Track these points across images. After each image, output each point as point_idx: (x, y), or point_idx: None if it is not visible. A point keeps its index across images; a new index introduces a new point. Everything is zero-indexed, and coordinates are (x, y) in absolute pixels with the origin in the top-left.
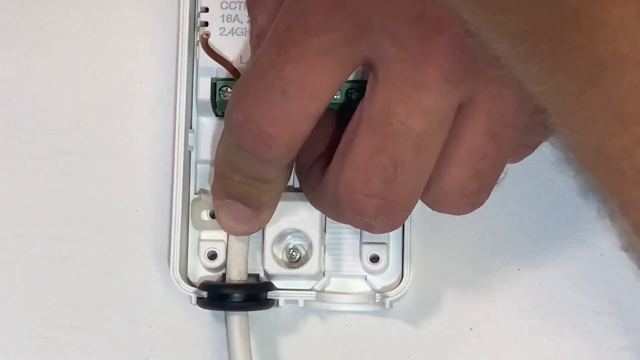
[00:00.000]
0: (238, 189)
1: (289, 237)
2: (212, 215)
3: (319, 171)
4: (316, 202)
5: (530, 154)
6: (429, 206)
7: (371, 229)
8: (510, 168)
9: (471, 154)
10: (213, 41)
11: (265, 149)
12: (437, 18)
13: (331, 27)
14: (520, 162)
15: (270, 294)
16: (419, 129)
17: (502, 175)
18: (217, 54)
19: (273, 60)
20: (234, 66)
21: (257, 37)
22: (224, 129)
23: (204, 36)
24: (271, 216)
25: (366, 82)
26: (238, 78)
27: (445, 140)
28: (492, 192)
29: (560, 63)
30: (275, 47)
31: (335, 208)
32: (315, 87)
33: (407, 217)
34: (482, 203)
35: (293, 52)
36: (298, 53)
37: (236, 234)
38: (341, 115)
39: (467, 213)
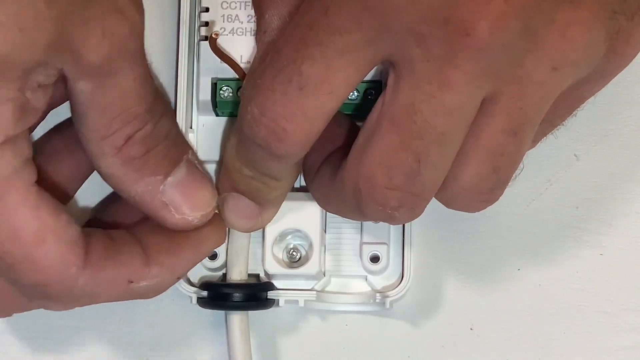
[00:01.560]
0: (246, 184)
1: (289, 237)
2: None
3: (330, 170)
4: (328, 201)
5: (533, 147)
6: (444, 204)
7: (393, 220)
8: None
9: (490, 151)
10: None
11: (278, 144)
12: (463, 22)
13: (355, 28)
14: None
15: (271, 294)
16: (443, 127)
17: (518, 171)
18: (225, 55)
19: (292, 56)
20: (241, 67)
21: (264, 34)
22: (236, 122)
23: (213, 36)
24: (274, 215)
25: (368, 82)
26: (244, 79)
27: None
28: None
29: None
30: (295, 43)
31: (354, 203)
32: (332, 85)
33: (426, 207)
34: (496, 200)
35: (313, 50)
36: (319, 51)
37: (238, 229)
38: (348, 116)
39: (481, 210)
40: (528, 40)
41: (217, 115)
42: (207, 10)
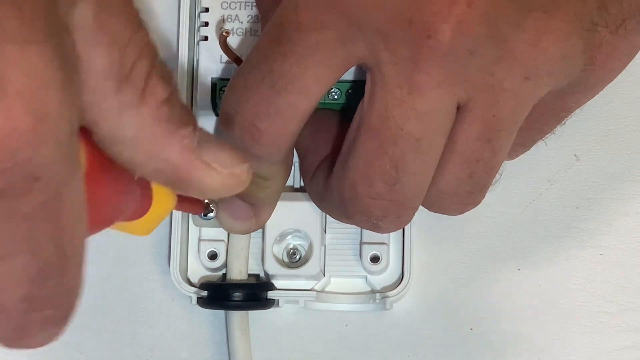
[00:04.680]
0: None
1: (289, 237)
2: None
3: (324, 174)
4: (323, 206)
5: (525, 152)
6: (425, 207)
7: (379, 229)
8: (510, 168)
9: (466, 158)
10: (213, 41)
11: (253, 144)
12: (426, 23)
13: (323, 26)
14: (517, 161)
15: (271, 294)
16: (417, 133)
17: (498, 176)
18: (234, 54)
19: (265, 54)
20: None
21: None
22: None
23: (224, 34)
24: (270, 215)
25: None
26: None
27: None
28: (489, 192)
29: None
30: (268, 41)
31: (342, 211)
32: (304, 83)
33: (413, 215)
34: (477, 203)
35: (284, 47)
36: (289, 48)
37: (235, 231)
38: (343, 117)
39: (462, 213)
40: (497, 47)
41: (217, 115)
42: (207, 10)
